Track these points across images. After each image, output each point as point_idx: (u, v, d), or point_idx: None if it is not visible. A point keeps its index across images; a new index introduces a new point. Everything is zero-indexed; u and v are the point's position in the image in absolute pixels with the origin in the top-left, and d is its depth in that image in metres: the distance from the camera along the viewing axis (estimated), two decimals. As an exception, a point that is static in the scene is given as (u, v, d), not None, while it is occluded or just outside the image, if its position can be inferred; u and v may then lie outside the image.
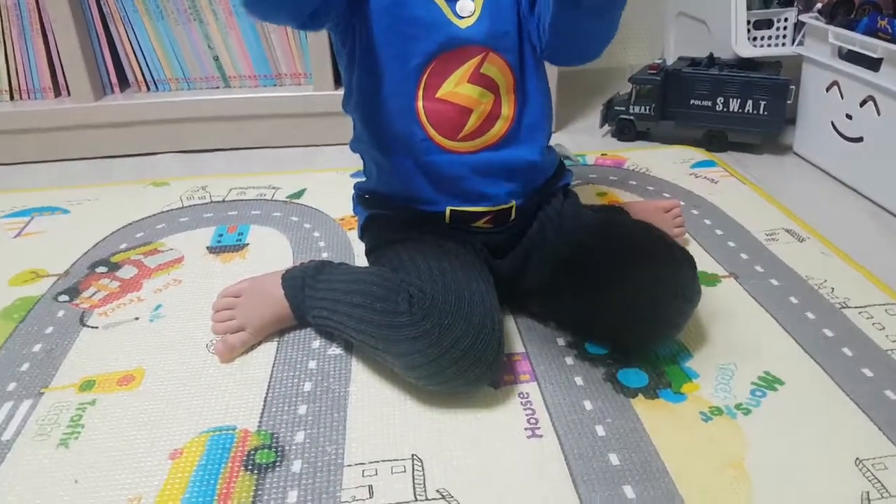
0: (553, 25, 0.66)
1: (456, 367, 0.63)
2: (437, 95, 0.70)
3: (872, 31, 1.06)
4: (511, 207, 0.75)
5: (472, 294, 0.65)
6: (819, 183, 1.17)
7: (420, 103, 0.70)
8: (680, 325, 0.72)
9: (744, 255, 0.93)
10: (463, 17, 0.69)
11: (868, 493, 0.57)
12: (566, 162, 0.89)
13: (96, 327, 0.81)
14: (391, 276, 0.68)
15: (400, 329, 0.63)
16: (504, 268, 0.77)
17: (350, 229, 1.01)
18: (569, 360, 0.74)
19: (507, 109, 0.72)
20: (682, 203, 1.06)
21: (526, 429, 0.65)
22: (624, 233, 0.73)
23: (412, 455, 0.62)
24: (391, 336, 0.64)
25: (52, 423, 0.67)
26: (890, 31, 1.04)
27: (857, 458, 0.61)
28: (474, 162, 0.72)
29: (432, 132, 0.71)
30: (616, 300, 0.69)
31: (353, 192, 0.84)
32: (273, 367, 0.73)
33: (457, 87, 0.69)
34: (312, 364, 0.74)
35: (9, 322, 0.83)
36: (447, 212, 0.74)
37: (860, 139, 1.10)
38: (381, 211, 0.78)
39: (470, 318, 0.63)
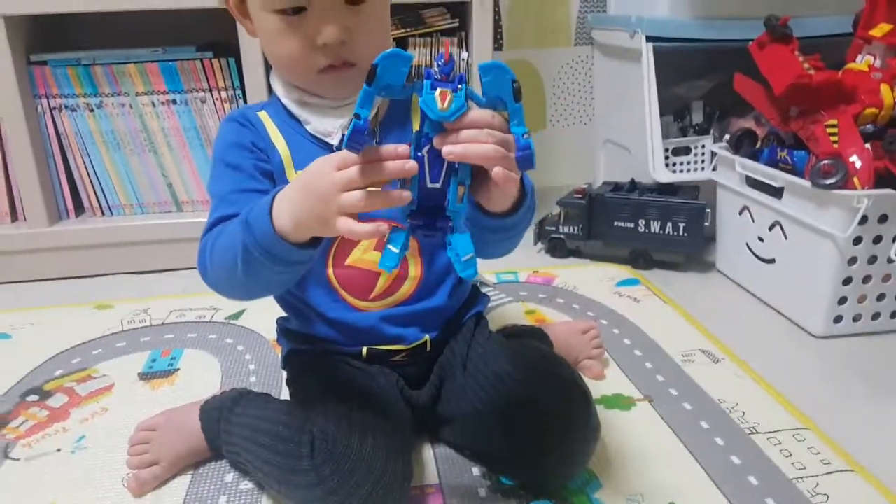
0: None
1: None
2: (347, 263, 0.76)
3: (773, 162, 1.15)
4: (425, 342, 0.79)
5: (377, 436, 0.67)
6: (739, 300, 1.23)
7: (330, 270, 0.76)
8: (578, 463, 0.73)
9: (660, 377, 0.96)
10: None
11: None
12: (483, 288, 0.93)
13: (18, 459, 0.82)
14: (299, 415, 0.70)
15: (301, 474, 0.64)
16: (421, 398, 0.79)
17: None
18: (482, 492, 0.75)
19: (415, 270, 0.78)
20: (603, 322, 1.11)
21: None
22: (526, 374, 0.75)
23: None
24: (293, 480, 0.65)
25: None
26: (790, 161, 1.13)
27: None
28: (385, 315, 0.77)
29: (344, 294, 0.76)
30: (516, 442, 0.71)
31: (276, 325, 0.87)
32: (184, 502, 0.74)
33: (364, 253, 0.75)
34: (223, 500, 0.74)
35: (-68, 455, 0.83)
36: (364, 350, 0.77)
37: (773, 260, 1.17)
38: (301, 346, 0.82)
39: (372, 462, 0.64)
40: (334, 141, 0.72)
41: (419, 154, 0.55)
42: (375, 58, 0.53)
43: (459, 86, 0.54)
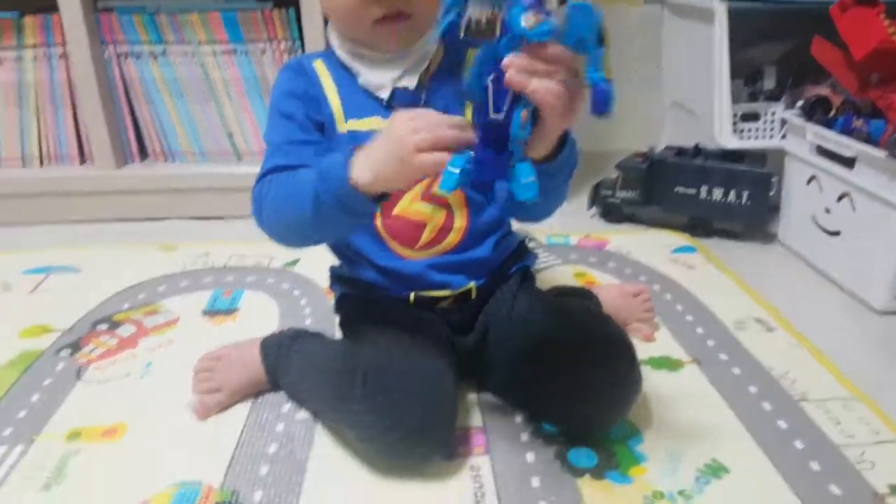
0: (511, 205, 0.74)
1: (405, 444, 0.68)
2: (395, 212, 0.77)
3: (848, 131, 1.11)
4: (471, 289, 0.80)
5: (427, 374, 0.70)
6: (799, 273, 1.20)
7: (379, 220, 0.78)
8: (618, 413, 0.75)
9: (710, 342, 0.96)
10: None
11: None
12: (530, 244, 0.93)
13: (90, 381, 0.87)
14: (352, 350, 0.74)
15: (353, 402, 0.68)
16: (466, 344, 0.81)
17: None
18: (524, 437, 0.77)
19: (460, 222, 0.79)
20: (655, 287, 1.10)
21: (474, 502, 0.68)
22: (571, 325, 0.77)
23: (358, 522, 0.65)
24: (345, 409, 0.69)
25: (39, 468, 0.72)
26: (865, 130, 1.09)
27: (791, 552, 0.62)
28: (431, 262, 0.79)
29: (392, 243, 0.79)
30: (559, 390, 0.72)
31: (328, 272, 0.90)
32: (244, 427, 0.78)
33: (411, 204, 0.77)
34: (280, 427, 0.78)
35: (13, 372, 0.89)
36: (411, 296, 0.79)
37: (838, 233, 1.14)
38: (351, 291, 0.84)
39: (421, 397, 0.68)
40: (384, 95, 0.74)
41: (483, 81, 0.55)
42: (429, 10, 0.54)
43: (548, 16, 0.53)
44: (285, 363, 0.80)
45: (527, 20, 0.52)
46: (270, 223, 0.71)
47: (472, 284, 0.80)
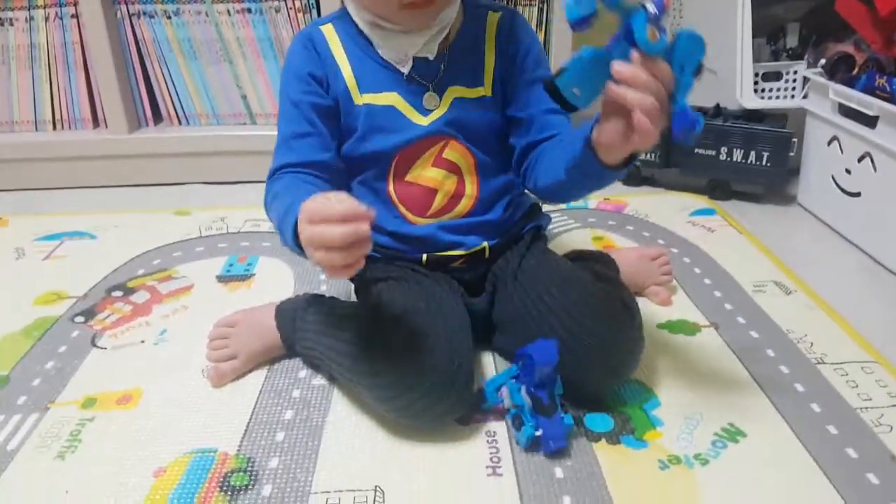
0: (549, 189, 0.75)
1: (422, 403, 0.67)
2: (407, 178, 0.78)
3: (870, 89, 1.08)
4: (484, 248, 0.80)
5: (441, 334, 0.70)
6: (818, 235, 1.18)
7: (391, 186, 0.78)
8: (618, 376, 0.75)
9: (728, 306, 0.94)
10: (429, 112, 0.76)
11: (814, 549, 0.59)
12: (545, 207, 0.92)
13: (105, 348, 0.88)
14: (370, 314, 0.74)
15: (372, 364, 0.68)
16: (478, 304, 0.81)
17: (351, 264, 1.06)
18: (541, 402, 0.77)
19: (471, 188, 0.79)
20: (674, 250, 1.08)
21: (487, 466, 0.68)
22: (575, 283, 0.76)
23: (375, 486, 0.66)
24: (364, 371, 0.69)
25: (54, 436, 0.73)
26: (888, 89, 1.05)
27: (808, 515, 0.62)
28: (442, 225, 0.79)
29: (403, 210, 0.79)
30: (562, 351, 0.71)
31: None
32: (260, 394, 0.78)
33: (423, 170, 0.78)
34: (296, 393, 0.78)
35: (28, 339, 0.90)
36: (424, 257, 0.79)
37: (858, 194, 1.11)
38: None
39: (437, 357, 0.68)
40: (405, 69, 0.75)
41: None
42: None
43: (662, 32, 0.56)
44: (301, 328, 0.80)
45: (650, 32, 0.55)
46: (270, 220, 0.73)
47: (485, 244, 0.80)
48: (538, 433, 0.68)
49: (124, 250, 1.13)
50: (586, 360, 0.71)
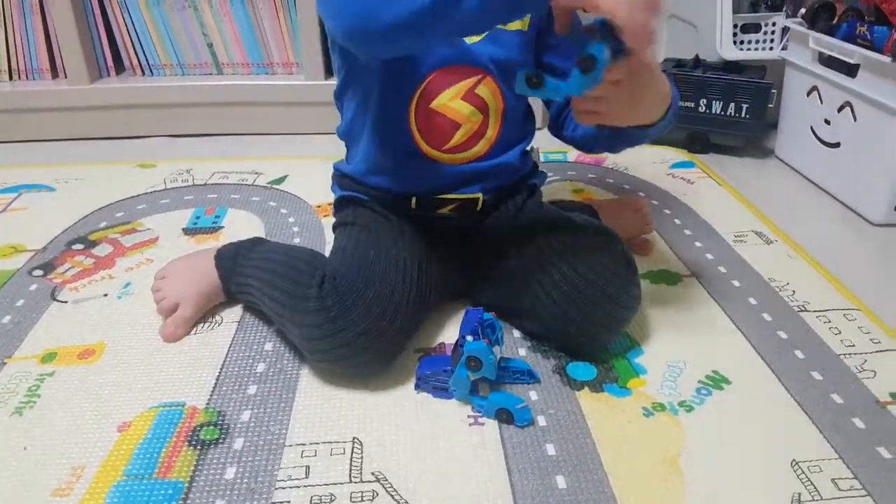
0: (586, 139, 0.76)
1: (347, 349, 0.65)
2: (431, 106, 0.73)
3: (851, 38, 1.07)
4: (478, 198, 0.77)
5: (385, 286, 0.67)
6: (796, 187, 1.18)
7: (413, 114, 0.73)
8: (614, 331, 0.73)
9: (709, 256, 0.93)
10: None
11: (800, 494, 0.58)
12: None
13: (65, 302, 0.84)
14: (318, 256, 0.73)
15: (306, 301, 0.66)
16: (465, 256, 0.78)
17: (325, 216, 1.03)
18: (522, 351, 0.75)
19: (492, 131, 0.75)
20: (654, 202, 1.07)
21: (469, 416, 0.66)
22: (575, 236, 0.74)
23: (353, 438, 0.63)
24: (297, 306, 0.67)
25: (11, 392, 0.69)
26: (868, 37, 1.04)
27: (794, 460, 0.61)
28: (452, 169, 0.75)
29: (419, 139, 0.74)
30: (556, 303, 0.70)
31: (332, 171, 0.85)
32: (230, 347, 0.75)
33: (451, 101, 0.73)
34: (269, 346, 0.75)
35: (-18, 294, 0.85)
36: (413, 200, 0.76)
37: (837, 144, 1.10)
38: (352, 193, 0.80)
39: (371, 306, 0.66)
40: None
41: None
42: None
43: None
44: (242, 263, 0.78)
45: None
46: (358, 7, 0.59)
47: (479, 195, 0.77)
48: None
49: (85, 203, 1.08)
50: (589, 313, 0.69)
